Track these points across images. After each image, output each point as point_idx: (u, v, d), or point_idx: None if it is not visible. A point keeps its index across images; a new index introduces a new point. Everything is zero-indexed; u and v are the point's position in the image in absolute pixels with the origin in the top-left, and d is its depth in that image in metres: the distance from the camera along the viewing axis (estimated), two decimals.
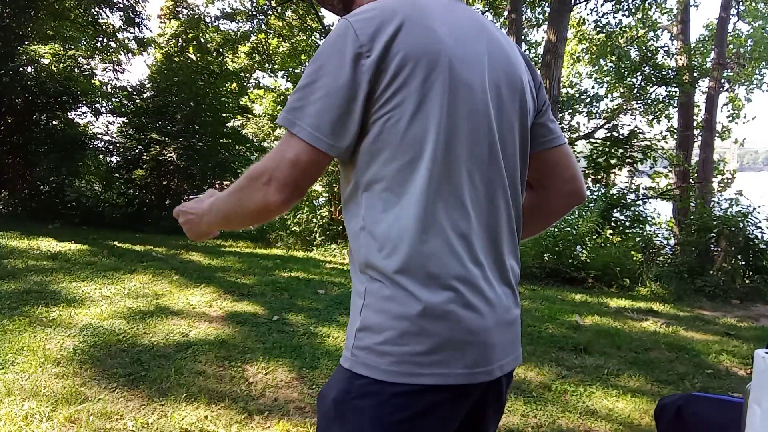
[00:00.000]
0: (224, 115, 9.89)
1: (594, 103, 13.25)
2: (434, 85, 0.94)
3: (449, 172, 0.95)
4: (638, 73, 12.24)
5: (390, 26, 0.93)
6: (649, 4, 13.41)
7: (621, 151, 11.55)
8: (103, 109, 9.53)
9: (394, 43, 0.92)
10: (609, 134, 12.15)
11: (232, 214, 1.03)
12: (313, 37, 15.36)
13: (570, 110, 13.13)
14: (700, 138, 12.62)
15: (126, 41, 11.16)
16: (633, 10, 13.22)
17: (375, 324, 0.94)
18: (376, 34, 0.92)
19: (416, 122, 0.93)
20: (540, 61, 10.05)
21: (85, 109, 9.39)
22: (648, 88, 12.35)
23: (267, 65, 15.75)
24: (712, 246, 7.39)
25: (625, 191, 10.98)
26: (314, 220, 9.51)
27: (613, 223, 9.27)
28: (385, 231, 0.94)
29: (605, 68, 15.04)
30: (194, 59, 10.82)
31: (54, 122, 9.17)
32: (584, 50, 16.09)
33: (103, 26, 10.44)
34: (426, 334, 0.92)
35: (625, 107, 12.48)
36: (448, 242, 0.95)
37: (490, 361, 0.97)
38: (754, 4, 15.12)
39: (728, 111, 16.12)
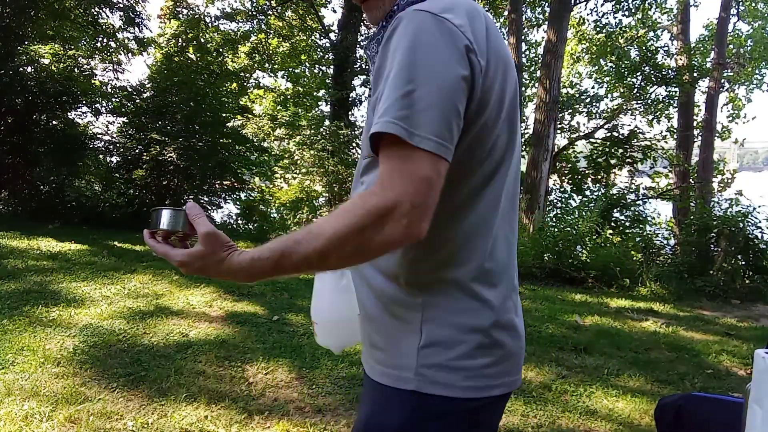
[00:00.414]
0: (224, 115, 9.87)
1: (594, 103, 13.26)
2: (505, 94, 0.91)
3: (506, 181, 0.94)
4: (638, 73, 12.25)
5: (480, 23, 0.87)
6: (649, 4, 13.42)
7: (621, 151, 11.57)
8: (103, 109, 9.51)
9: (488, 42, 0.87)
10: (609, 134, 12.17)
11: (343, 261, 0.84)
12: (313, 37, 15.36)
13: (570, 110, 13.13)
14: (700, 138, 12.63)
15: (126, 41, 11.15)
16: (633, 10, 13.23)
17: (445, 338, 0.89)
18: (476, 31, 0.85)
19: (497, 132, 0.90)
20: (540, 61, 10.05)
21: (85, 109, 9.37)
22: (648, 88, 12.36)
23: (267, 65, 15.75)
24: (712, 246, 7.38)
25: (625, 191, 10.99)
26: (314, 220, 9.51)
27: (613, 223, 9.27)
28: (457, 241, 0.89)
29: (605, 68, 15.03)
30: (194, 59, 10.80)
31: (54, 122, 9.15)
32: (584, 50, 16.09)
33: (103, 26, 10.43)
34: (497, 345, 0.92)
35: (625, 107, 12.48)
36: (507, 252, 0.96)
37: (521, 366, 1.01)
38: (754, 4, 15.13)
39: (728, 111, 16.16)
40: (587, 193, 11.39)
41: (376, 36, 0.97)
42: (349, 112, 13.08)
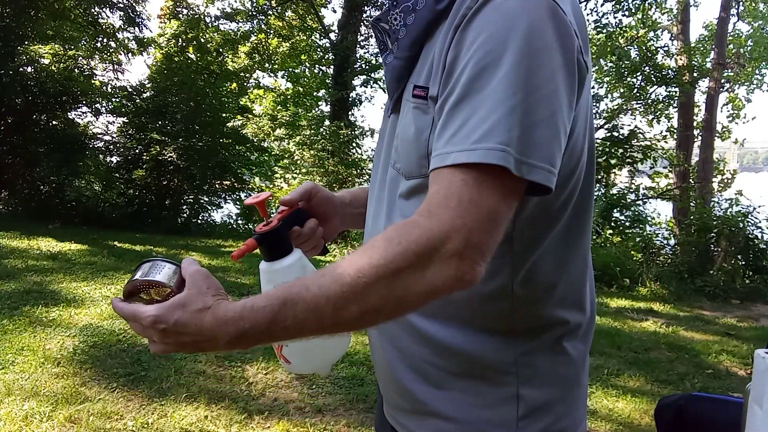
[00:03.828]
0: (224, 115, 9.88)
1: (594, 103, 13.24)
2: (589, 104, 0.74)
3: (592, 201, 0.81)
4: (638, 73, 12.24)
5: (582, 13, 0.70)
6: (649, 4, 13.41)
7: (621, 151, 11.55)
8: (103, 109, 9.52)
9: (585, 38, 0.70)
10: (609, 134, 12.15)
11: (367, 316, 0.63)
12: (313, 37, 15.36)
13: None
14: (700, 138, 12.62)
15: (126, 41, 11.16)
16: (633, 10, 13.22)
17: (547, 401, 0.75)
18: (581, 20, 0.68)
19: (588, 146, 0.75)
20: None
21: (85, 109, 9.38)
22: (648, 88, 12.35)
23: (267, 65, 15.75)
24: (712, 246, 7.39)
25: (625, 191, 10.99)
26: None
27: (613, 223, 9.28)
28: (563, 277, 0.75)
29: (605, 68, 15.03)
30: (194, 59, 10.81)
31: (54, 122, 9.16)
32: None
33: (103, 26, 10.43)
34: (583, 390, 0.82)
35: (625, 107, 12.48)
36: (592, 278, 0.85)
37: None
38: (754, 4, 15.12)
39: (728, 111, 16.13)
40: None
41: (404, 3, 0.75)
42: (349, 112, 13.09)
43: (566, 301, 0.76)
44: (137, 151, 9.05)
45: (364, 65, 13.31)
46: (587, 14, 15.04)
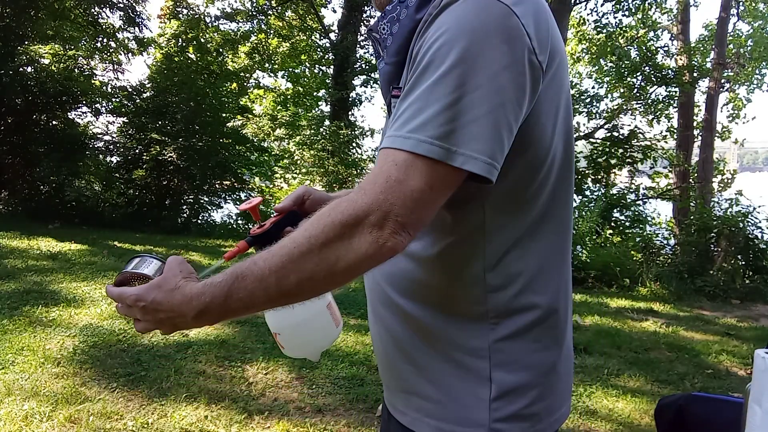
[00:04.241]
0: (224, 115, 9.89)
1: (594, 103, 13.26)
2: (561, 102, 0.78)
3: (569, 194, 0.84)
4: (638, 73, 12.25)
5: (545, 15, 0.74)
6: (649, 4, 13.41)
7: (621, 151, 11.55)
8: (103, 109, 9.52)
9: (552, 40, 0.75)
10: (609, 134, 12.15)
11: (305, 284, 0.69)
12: (313, 37, 15.36)
13: None
14: (700, 138, 12.63)
15: (126, 41, 11.16)
16: (633, 10, 13.22)
17: (518, 385, 0.79)
18: (539, 25, 0.72)
19: (554, 147, 0.79)
20: None
21: (85, 109, 9.38)
22: (648, 88, 12.36)
23: (267, 65, 15.76)
24: (712, 246, 7.39)
25: (625, 191, 10.99)
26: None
27: (613, 223, 9.28)
28: (531, 265, 0.79)
29: (605, 68, 15.03)
30: (194, 59, 10.81)
31: (54, 122, 9.17)
32: (584, 50, 16.09)
33: (103, 26, 10.43)
34: (562, 377, 0.85)
35: (625, 107, 12.48)
36: (569, 268, 0.88)
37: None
38: (754, 4, 15.13)
39: (728, 111, 16.14)
40: (587, 193, 11.40)
41: (390, 14, 0.82)
42: (349, 112, 13.09)
43: (538, 288, 0.79)
44: (137, 151, 9.05)
45: (364, 65, 13.30)
46: (587, 14, 15.06)
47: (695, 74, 12.33)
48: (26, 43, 8.71)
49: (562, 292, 0.84)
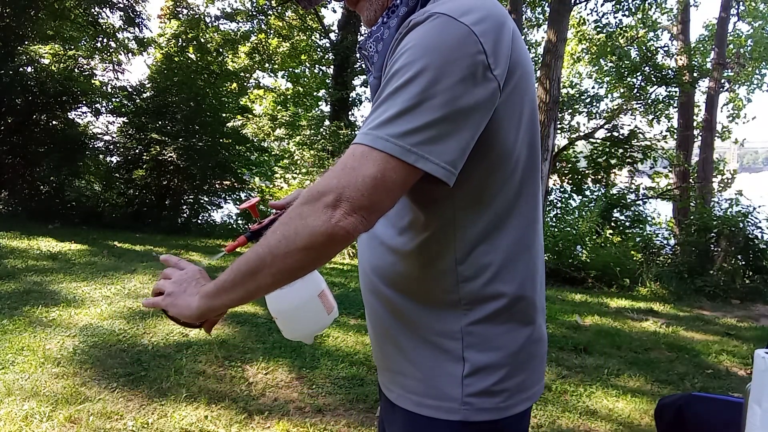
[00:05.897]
0: (224, 115, 9.89)
1: (594, 103, 13.26)
2: (524, 110, 0.86)
3: (535, 191, 0.91)
4: (638, 73, 12.24)
5: (506, 33, 0.81)
6: (649, 4, 13.41)
7: (621, 151, 11.56)
8: (103, 109, 9.53)
9: (513, 52, 0.81)
10: (609, 134, 12.16)
11: (279, 262, 0.78)
12: (313, 37, 15.37)
13: (570, 110, 13.13)
14: (700, 138, 12.63)
15: (126, 41, 11.16)
16: (633, 10, 13.22)
17: (488, 363, 0.86)
18: (498, 43, 0.79)
19: (518, 151, 0.86)
20: (540, 61, 10.05)
21: (85, 109, 9.39)
22: (648, 88, 12.36)
23: (267, 65, 15.76)
24: (712, 246, 7.40)
25: (625, 191, 11.01)
26: None
27: (613, 223, 9.29)
28: (498, 257, 0.86)
29: (605, 68, 15.04)
30: (194, 59, 10.81)
31: (54, 122, 9.17)
32: (584, 50, 16.10)
33: (103, 26, 10.43)
34: (532, 358, 0.91)
35: (625, 107, 12.48)
36: (540, 262, 0.95)
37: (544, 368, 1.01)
38: (754, 4, 15.13)
39: (728, 111, 16.17)
40: (587, 193, 11.41)
41: (375, 33, 0.91)
42: (349, 112, 13.09)
43: (505, 278, 0.87)
44: (137, 151, 9.06)
45: (364, 65, 13.29)
46: (587, 14, 15.06)
47: (695, 74, 12.33)
48: (26, 43, 8.71)
49: (528, 281, 0.90)
